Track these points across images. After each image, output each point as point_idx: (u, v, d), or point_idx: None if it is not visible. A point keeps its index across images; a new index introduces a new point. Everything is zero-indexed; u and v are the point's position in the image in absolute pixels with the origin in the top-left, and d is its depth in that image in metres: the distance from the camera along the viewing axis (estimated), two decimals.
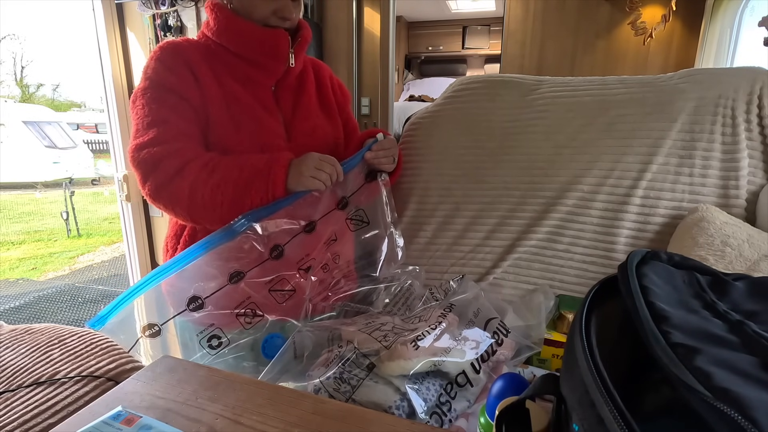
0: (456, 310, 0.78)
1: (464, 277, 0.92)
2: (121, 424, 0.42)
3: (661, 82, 1.02)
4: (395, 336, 0.67)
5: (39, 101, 7.61)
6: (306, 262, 0.86)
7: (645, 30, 2.54)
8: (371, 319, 0.77)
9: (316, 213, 0.86)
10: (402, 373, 0.62)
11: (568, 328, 0.81)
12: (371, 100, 2.72)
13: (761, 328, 0.33)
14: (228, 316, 0.76)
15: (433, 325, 0.70)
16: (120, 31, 1.81)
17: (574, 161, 1.02)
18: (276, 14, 0.83)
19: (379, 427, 0.47)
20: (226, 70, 0.85)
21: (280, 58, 0.86)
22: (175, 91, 0.79)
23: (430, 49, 5.33)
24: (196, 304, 0.74)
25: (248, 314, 0.78)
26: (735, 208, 0.93)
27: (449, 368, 0.65)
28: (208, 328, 0.75)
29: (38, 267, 4.13)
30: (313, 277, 0.86)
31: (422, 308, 0.83)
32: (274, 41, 0.84)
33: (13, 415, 0.76)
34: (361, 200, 0.94)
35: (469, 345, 0.69)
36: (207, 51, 0.85)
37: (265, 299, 0.80)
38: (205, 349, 0.74)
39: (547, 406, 0.43)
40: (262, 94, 0.88)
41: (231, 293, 0.76)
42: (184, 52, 0.83)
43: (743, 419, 0.24)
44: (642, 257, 0.42)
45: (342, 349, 0.69)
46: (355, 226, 0.94)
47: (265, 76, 0.88)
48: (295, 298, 0.83)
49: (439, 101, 1.19)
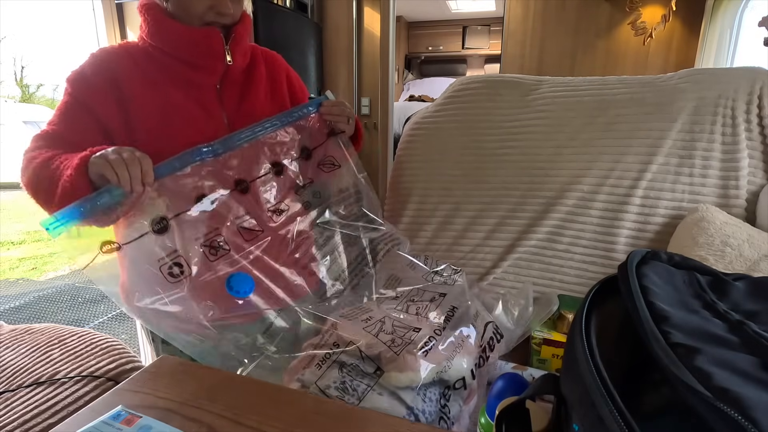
0: (458, 313, 0.77)
1: (461, 271, 0.90)
2: (121, 424, 0.42)
3: (661, 81, 1.02)
4: (401, 341, 0.65)
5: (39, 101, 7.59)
6: (276, 204, 0.84)
7: (645, 30, 2.54)
8: (367, 313, 0.74)
9: (254, 170, 0.83)
10: (410, 385, 0.60)
11: (568, 328, 0.80)
12: (371, 100, 2.72)
13: (761, 328, 0.33)
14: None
15: (437, 329, 0.69)
16: (120, 31, 1.81)
17: (574, 161, 1.02)
18: (212, 9, 0.81)
19: (379, 427, 0.47)
20: (165, 75, 0.84)
21: (215, 56, 0.84)
22: (84, 104, 0.80)
23: (430, 49, 5.34)
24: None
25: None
26: (735, 208, 0.93)
27: (451, 375, 0.64)
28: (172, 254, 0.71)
29: (38, 267, 4.13)
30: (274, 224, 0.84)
31: (413, 289, 0.81)
32: (206, 41, 0.82)
33: (13, 415, 0.76)
34: (325, 153, 0.94)
35: (468, 350, 0.68)
36: (145, 56, 0.83)
37: (233, 233, 0.78)
38: (165, 276, 0.71)
39: (547, 406, 0.43)
40: (204, 95, 0.86)
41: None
42: (112, 62, 0.82)
43: (743, 419, 0.24)
44: (642, 257, 0.42)
45: (337, 351, 0.65)
46: (328, 168, 0.94)
47: (204, 76, 0.86)
48: (266, 242, 0.81)
49: (439, 101, 1.19)
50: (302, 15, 2.47)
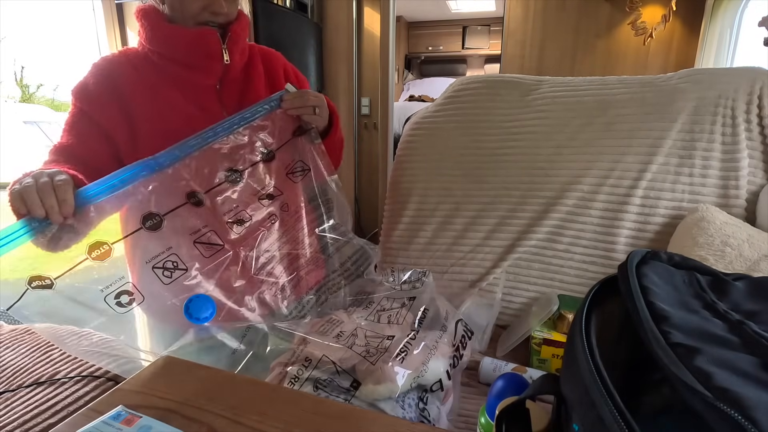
0: (429, 315, 0.75)
1: (427, 272, 0.88)
2: (121, 424, 0.42)
3: (661, 82, 1.02)
4: (376, 350, 0.64)
5: (39, 101, 7.58)
6: (235, 214, 0.79)
7: (645, 30, 2.54)
8: (338, 326, 0.71)
9: (208, 180, 0.78)
10: (389, 395, 0.60)
11: (568, 328, 0.80)
12: (371, 100, 2.72)
13: (761, 328, 0.33)
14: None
15: (411, 335, 0.68)
16: (120, 31, 1.81)
17: (574, 161, 1.02)
18: (207, 9, 0.81)
19: (379, 427, 0.47)
20: (164, 78, 0.83)
21: (212, 56, 0.83)
22: (89, 116, 0.81)
23: (430, 49, 5.33)
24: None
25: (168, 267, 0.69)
26: (735, 208, 0.93)
27: (428, 379, 0.64)
28: (118, 281, 0.66)
29: (38, 267, 4.13)
30: (261, 229, 0.80)
31: (385, 297, 0.80)
32: (202, 41, 0.82)
33: (13, 415, 0.76)
34: (293, 155, 0.87)
35: (442, 351, 0.68)
36: (144, 61, 0.84)
37: (190, 250, 0.73)
38: (112, 307, 0.65)
39: (547, 406, 0.43)
40: (203, 96, 0.86)
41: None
42: (114, 71, 0.82)
43: (743, 419, 0.24)
44: (642, 257, 0.42)
45: (307, 366, 0.62)
46: (298, 176, 0.87)
47: (202, 77, 0.85)
48: (227, 257, 0.76)
49: (440, 101, 1.19)
50: (302, 15, 2.47)
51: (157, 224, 0.70)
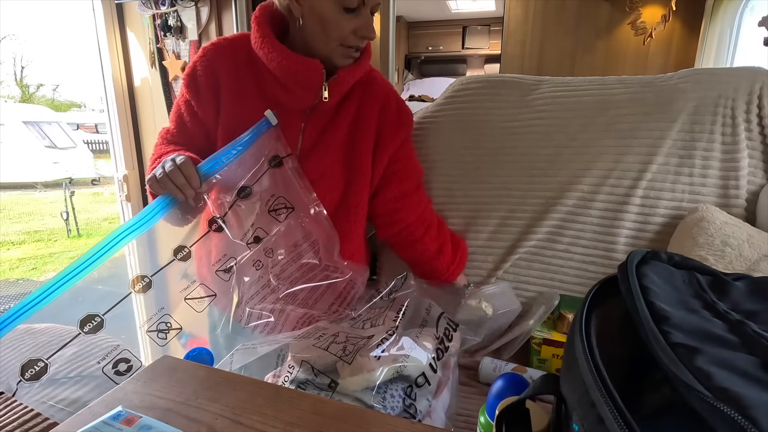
0: (409, 311, 0.75)
1: (407, 275, 0.88)
2: (121, 424, 0.42)
3: (661, 82, 1.02)
4: (353, 347, 0.64)
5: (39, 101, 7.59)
6: (224, 263, 0.79)
7: (645, 30, 2.54)
8: (319, 331, 0.72)
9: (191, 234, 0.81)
10: (367, 386, 0.60)
11: (568, 328, 0.81)
12: None
13: (761, 328, 0.33)
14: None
15: (390, 330, 0.68)
16: (120, 31, 1.81)
17: (574, 161, 1.02)
18: (356, 33, 0.79)
19: (379, 427, 0.47)
20: (259, 87, 0.84)
21: (310, 89, 0.82)
22: (191, 105, 0.89)
23: (430, 49, 5.33)
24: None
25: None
26: (735, 208, 0.93)
27: (411, 371, 0.64)
28: (113, 351, 0.71)
29: (38, 267, 4.13)
30: (246, 277, 0.79)
31: (367, 308, 0.80)
32: (306, 73, 0.80)
33: (13, 415, 0.76)
34: (270, 188, 0.84)
35: (424, 344, 0.68)
36: (248, 60, 0.85)
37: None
38: (110, 377, 0.69)
39: (547, 406, 0.43)
40: (288, 116, 0.85)
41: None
42: (216, 64, 0.85)
43: (743, 419, 0.24)
44: (642, 257, 0.42)
45: (292, 372, 0.64)
46: (282, 214, 0.84)
47: (292, 101, 0.85)
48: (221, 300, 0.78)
49: (439, 101, 1.19)
50: None
51: (147, 285, 0.75)
